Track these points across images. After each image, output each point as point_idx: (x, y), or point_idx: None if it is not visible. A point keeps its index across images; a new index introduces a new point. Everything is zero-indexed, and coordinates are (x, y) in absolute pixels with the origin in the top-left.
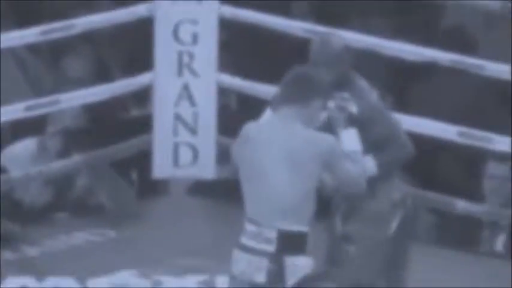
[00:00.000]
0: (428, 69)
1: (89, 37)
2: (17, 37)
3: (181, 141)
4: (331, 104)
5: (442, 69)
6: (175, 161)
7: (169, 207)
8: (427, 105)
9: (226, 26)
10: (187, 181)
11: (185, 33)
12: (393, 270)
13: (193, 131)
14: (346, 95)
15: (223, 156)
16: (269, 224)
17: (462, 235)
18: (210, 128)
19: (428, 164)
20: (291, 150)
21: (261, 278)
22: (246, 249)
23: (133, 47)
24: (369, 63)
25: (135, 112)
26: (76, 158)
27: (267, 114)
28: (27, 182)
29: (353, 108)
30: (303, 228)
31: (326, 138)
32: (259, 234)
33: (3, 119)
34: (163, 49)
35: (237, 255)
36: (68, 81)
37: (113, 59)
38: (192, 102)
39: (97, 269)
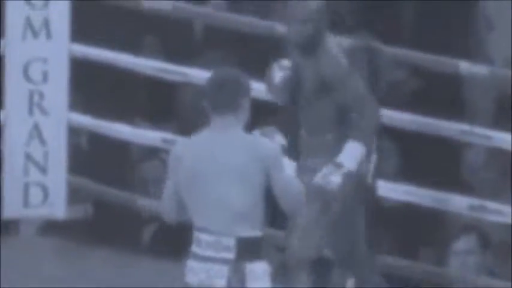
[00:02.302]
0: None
1: None
2: None
3: (31, 181)
4: None
5: None
6: (26, 201)
7: (19, 247)
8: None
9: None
10: (38, 221)
11: (35, 72)
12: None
13: (43, 170)
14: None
15: (74, 196)
16: (226, 232)
17: None
18: (60, 167)
19: None
20: (234, 159)
21: (221, 283)
22: (204, 259)
23: None
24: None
25: None
26: None
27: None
28: None
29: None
30: (257, 233)
31: (268, 144)
32: (216, 243)
33: None
34: (14, 88)
35: (193, 265)
36: None
37: None
38: (42, 141)
39: None
